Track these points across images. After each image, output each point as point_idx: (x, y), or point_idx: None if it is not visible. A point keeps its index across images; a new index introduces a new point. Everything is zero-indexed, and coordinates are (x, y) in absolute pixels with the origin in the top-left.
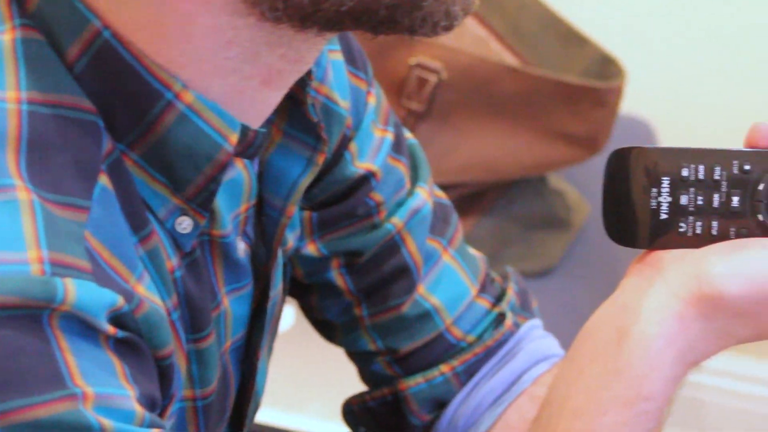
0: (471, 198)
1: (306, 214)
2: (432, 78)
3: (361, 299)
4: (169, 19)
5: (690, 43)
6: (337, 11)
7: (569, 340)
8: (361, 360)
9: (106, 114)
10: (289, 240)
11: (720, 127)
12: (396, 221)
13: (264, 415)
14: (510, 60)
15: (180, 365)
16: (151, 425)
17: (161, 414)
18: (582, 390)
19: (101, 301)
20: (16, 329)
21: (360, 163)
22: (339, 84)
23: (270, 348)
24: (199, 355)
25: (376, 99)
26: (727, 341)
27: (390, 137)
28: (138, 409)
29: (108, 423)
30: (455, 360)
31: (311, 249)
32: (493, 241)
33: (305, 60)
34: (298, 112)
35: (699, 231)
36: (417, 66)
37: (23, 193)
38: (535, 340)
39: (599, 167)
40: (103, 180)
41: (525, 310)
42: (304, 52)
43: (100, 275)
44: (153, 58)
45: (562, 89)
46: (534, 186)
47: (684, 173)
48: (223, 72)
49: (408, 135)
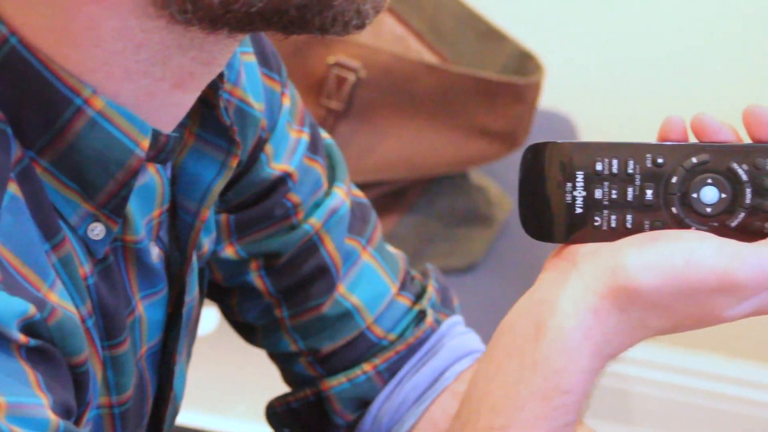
0: (393, 196)
1: (223, 217)
2: (351, 77)
3: (281, 300)
4: (77, 24)
5: (607, 38)
6: (247, 12)
7: (493, 335)
8: (283, 361)
9: (14, 121)
10: (205, 244)
11: (639, 120)
12: (314, 222)
13: (189, 419)
14: (429, 58)
15: (96, 372)
16: None
17: (77, 422)
18: (500, 385)
19: (12, 310)
20: None
21: (276, 165)
22: (252, 86)
23: (189, 353)
24: (115, 362)
25: (290, 100)
26: (643, 333)
27: (306, 138)
28: (52, 418)
29: None
30: (377, 358)
31: (229, 252)
32: (416, 239)
33: (217, 62)
34: (210, 115)
35: (614, 224)
36: (336, 65)
37: None
38: (457, 336)
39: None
40: (12, 188)
41: (446, 306)
42: (215, 54)
43: (10, 284)
44: (61, 63)
45: (480, 86)
46: (456, 182)
47: (598, 167)
48: (134, 75)
49: (324, 135)
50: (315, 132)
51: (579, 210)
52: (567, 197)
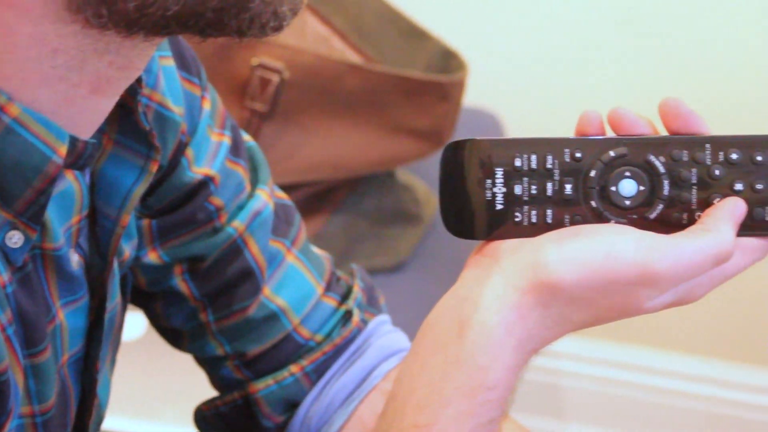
0: (320, 196)
1: (145, 222)
2: (275, 78)
3: (206, 304)
4: None
5: (530, 34)
6: (163, 16)
7: (417, 333)
8: (210, 365)
9: None
10: (126, 250)
11: (565, 115)
12: (237, 225)
13: (117, 425)
14: (353, 57)
15: (17, 381)
16: None
17: None
18: (425, 383)
19: None
20: None
21: (197, 169)
22: (172, 90)
23: (113, 359)
24: (36, 370)
25: (210, 103)
26: (566, 327)
27: (227, 141)
28: None
29: None
30: (304, 360)
31: (152, 257)
32: (344, 239)
33: (134, 66)
34: (129, 120)
35: (534, 220)
36: (259, 66)
37: None
38: (384, 335)
39: None
40: None
41: (372, 306)
42: (132, 58)
43: None
44: None
45: (405, 84)
46: (382, 182)
47: (517, 163)
48: (50, 81)
49: (246, 137)
50: (236, 135)
51: (499, 206)
52: (487, 194)
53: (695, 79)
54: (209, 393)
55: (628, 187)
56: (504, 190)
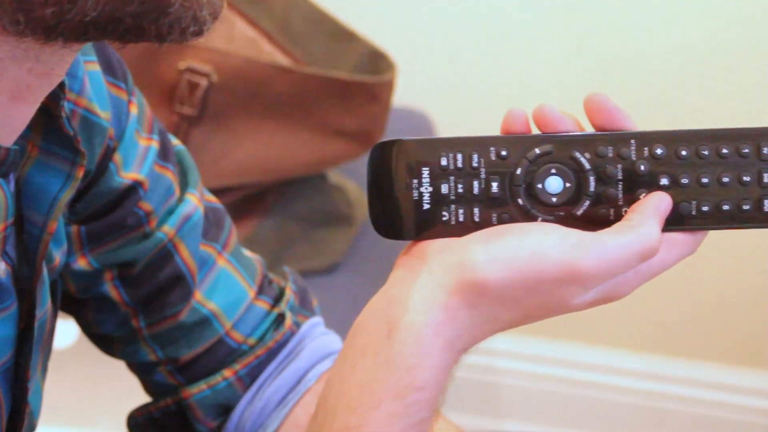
0: (251, 199)
1: (74, 228)
2: (203, 82)
3: (138, 310)
4: None
5: (458, 33)
6: (81, 22)
7: (347, 335)
8: (143, 371)
9: None
10: (56, 256)
11: (495, 114)
12: (167, 229)
13: None
14: (282, 60)
15: None
16: None
17: None
18: (355, 384)
19: None
20: None
21: (126, 174)
22: (98, 95)
23: (44, 367)
24: None
25: (138, 108)
26: (494, 326)
27: (155, 145)
28: None
29: None
30: (237, 364)
31: (82, 263)
32: (277, 242)
33: (55, 73)
34: (53, 126)
35: (462, 219)
36: (187, 70)
37: None
38: (318, 337)
39: None
40: None
41: (305, 308)
42: (53, 64)
43: None
44: None
45: (334, 86)
46: (314, 184)
47: (443, 163)
48: None
49: (175, 141)
50: (165, 139)
51: (426, 206)
52: (414, 194)
53: (623, 76)
54: (142, 399)
55: (554, 185)
56: (431, 189)
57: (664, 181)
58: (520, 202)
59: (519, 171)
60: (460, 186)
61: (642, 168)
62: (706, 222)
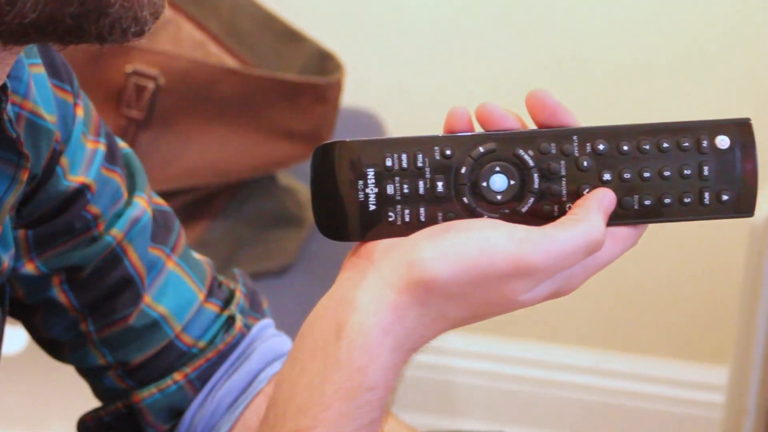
0: (201, 202)
1: (21, 233)
2: (150, 85)
3: (87, 314)
4: None
5: (406, 33)
6: (20, 24)
7: (296, 337)
8: (93, 376)
9: None
10: (4, 260)
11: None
12: (116, 233)
13: None
14: (229, 62)
15: None
16: None
17: None
18: (305, 386)
19: None
20: None
21: (73, 177)
22: (43, 98)
23: None
24: None
25: (84, 110)
26: (444, 324)
27: (102, 148)
28: None
29: None
30: (188, 367)
31: (30, 268)
32: (227, 244)
33: None
34: None
35: (408, 219)
36: (134, 73)
37: None
38: (268, 339)
39: None
40: None
41: (255, 310)
42: None
43: None
44: None
45: (282, 87)
46: (264, 185)
47: (388, 163)
48: None
49: (122, 144)
50: (112, 142)
51: (372, 207)
52: (359, 195)
53: (567, 75)
54: (93, 404)
55: (498, 182)
56: (376, 190)
57: (606, 176)
58: (465, 200)
59: (463, 170)
60: (405, 186)
61: (585, 164)
62: (649, 215)
